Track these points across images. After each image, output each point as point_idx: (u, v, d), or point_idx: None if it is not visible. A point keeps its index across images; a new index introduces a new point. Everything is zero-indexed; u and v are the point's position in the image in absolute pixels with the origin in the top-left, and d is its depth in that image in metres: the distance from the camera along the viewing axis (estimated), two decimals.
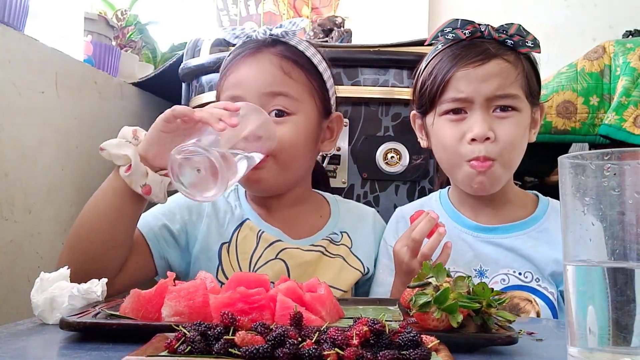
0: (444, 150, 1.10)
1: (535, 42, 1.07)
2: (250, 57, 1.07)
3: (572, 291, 0.56)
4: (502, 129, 1.05)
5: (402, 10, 2.41)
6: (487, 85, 1.05)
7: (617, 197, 0.53)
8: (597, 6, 2.35)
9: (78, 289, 0.72)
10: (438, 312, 0.61)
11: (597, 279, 0.54)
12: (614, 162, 0.53)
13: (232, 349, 0.50)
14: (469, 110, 1.06)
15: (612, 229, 0.53)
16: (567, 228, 0.57)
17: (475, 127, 1.04)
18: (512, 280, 1.08)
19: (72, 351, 0.57)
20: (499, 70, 1.05)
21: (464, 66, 1.06)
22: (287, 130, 1.03)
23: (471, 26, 1.09)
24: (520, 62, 1.08)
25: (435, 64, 1.10)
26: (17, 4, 1.18)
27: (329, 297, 0.70)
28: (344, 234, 1.13)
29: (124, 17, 1.80)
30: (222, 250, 1.07)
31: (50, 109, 1.31)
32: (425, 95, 1.11)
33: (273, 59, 1.06)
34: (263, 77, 1.05)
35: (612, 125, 1.53)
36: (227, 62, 1.11)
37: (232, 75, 1.07)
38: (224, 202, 1.13)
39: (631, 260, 0.52)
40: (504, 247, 1.10)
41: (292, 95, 1.05)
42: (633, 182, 0.53)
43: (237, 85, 1.06)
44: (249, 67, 1.06)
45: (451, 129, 1.07)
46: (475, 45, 1.07)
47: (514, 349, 0.61)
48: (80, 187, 1.44)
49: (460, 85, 1.06)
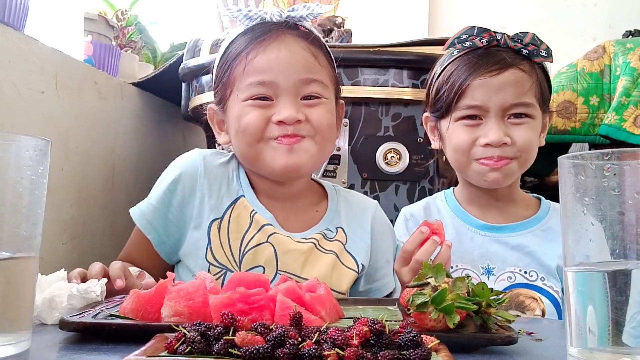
0: (456, 151, 1.12)
1: (548, 51, 1.10)
2: (275, 40, 1.01)
3: (572, 291, 0.56)
4: (517, 133, 1.08)
5: (402, 10, 2.41)
6: (503, 94, 1.07)
7: (617, 198, 0.53)
8: (597, 6, 2.35)
9: (77, 289, 0.72)
10: (435, 312, 0.61)
11: (596, 280, 0.54)
12: (613, 162, 0.53)
13: (232, 349, 0.50)
14: (485, 118, 1.09)
15: (612, 229, 0.53)
16: (567, 228, 0.57)
17: (491, 134, 1.07)
18: (518, 278, 1.10)
19: (72, 352, 0.57)
20: (514, 80, 1.08)
21: (481, 75, 1.08)
22: (322, 112, 1.02)
23: (487, 34, 1.11)
24: (535, 72, 1.10)
25: (452, 71, 1.12)
26: (17, 4, 1.18)
27: (329, 297, 0.70)
28: (339, 230, 1.08)
29: (124, 17, 1.80)
30: (212, 228, 1.02)
31: (50, 109, 1.31)
32: (442, 101, 1.13)
33: (301, 43, 1.02)
34: (297, 62, 1.01)
35: (612, 125, 1.53)
36: (242, 45, 1.03)
37: (258, 60, 1.00)
38: (223, 167, 1.07)
39: (631, 260, 0.52)
40: (510, 245, 1.12)
41: (322, 81, 1.03)
42: (633, 182, 0.53)
43: (267, 71, 1.00)
44: (278, 51, 1.00)
45: (465, 133, 1.10)
46: (491, 54, 1.10)
47: (513, 349, 0.61)
48: (80, 187, 1.44)
49: (477, 93, 1.08)
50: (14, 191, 0.57)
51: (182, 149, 2.13)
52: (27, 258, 0.58)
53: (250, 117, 1.00)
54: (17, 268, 0.58)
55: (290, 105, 0.99)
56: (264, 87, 1.00)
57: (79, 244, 1.44)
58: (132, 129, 1.75)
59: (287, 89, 1.00)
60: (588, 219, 0.55)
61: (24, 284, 0.59)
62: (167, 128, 2.00)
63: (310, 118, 1.01)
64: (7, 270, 0.57)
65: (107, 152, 1.60)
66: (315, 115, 1.01)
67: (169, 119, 1.99)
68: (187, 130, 2.16)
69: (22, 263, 0.58)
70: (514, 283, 1.10)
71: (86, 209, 1.48)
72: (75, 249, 1.42)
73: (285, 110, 0.98)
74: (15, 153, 0.58)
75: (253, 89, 1.00)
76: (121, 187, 1.67)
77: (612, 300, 0.52)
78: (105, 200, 1.58)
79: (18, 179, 0.57)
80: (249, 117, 1.00)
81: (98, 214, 1.54)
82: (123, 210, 1.68)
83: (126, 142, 1.71)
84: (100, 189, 1.56)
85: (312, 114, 1.01)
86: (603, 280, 0.53)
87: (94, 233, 1.51)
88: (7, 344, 0.55)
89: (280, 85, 0.99)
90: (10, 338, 0.56)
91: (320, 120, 1.02)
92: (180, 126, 2.09)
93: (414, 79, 1.42)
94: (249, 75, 1.01)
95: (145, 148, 1.83)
